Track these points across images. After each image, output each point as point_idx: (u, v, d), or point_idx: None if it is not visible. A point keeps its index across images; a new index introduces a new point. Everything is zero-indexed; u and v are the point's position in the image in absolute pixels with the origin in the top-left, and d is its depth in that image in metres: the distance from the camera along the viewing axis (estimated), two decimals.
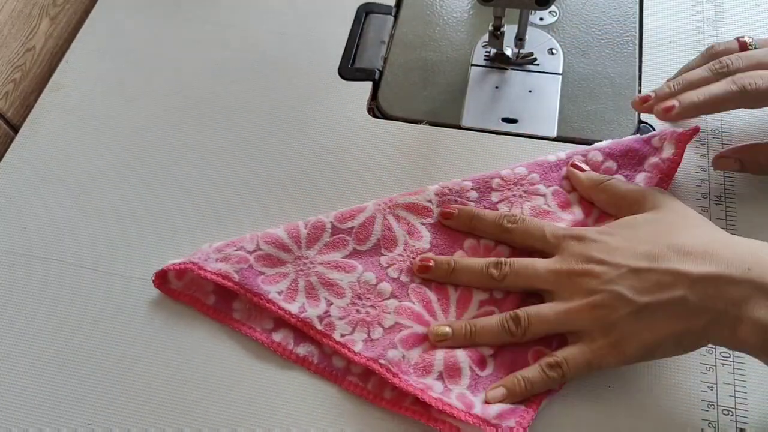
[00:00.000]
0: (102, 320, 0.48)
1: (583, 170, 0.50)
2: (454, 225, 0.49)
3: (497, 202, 0.50)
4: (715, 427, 0.42)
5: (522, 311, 0.44)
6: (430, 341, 0.45)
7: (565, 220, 0.49)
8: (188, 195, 0.53)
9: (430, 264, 0.47)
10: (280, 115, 0.57)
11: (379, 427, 0.43)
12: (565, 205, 0.50)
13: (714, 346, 0.44)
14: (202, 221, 0.52)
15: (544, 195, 0.50)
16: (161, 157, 0.55)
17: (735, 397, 0.43)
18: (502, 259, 0.46)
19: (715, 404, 0.43)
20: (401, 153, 0.54)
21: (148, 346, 0.47)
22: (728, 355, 0.44)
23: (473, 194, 0.50)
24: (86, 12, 0.66)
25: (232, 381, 0.45)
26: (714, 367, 0.44)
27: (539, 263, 0.45)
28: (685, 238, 0.41)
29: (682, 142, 0.49)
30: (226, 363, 0.46)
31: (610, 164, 0.51)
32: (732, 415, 0.42)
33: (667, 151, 0.49)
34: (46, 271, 0.50)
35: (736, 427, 0.42)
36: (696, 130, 0.50)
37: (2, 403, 0.45)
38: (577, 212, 0.49)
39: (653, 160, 0.50)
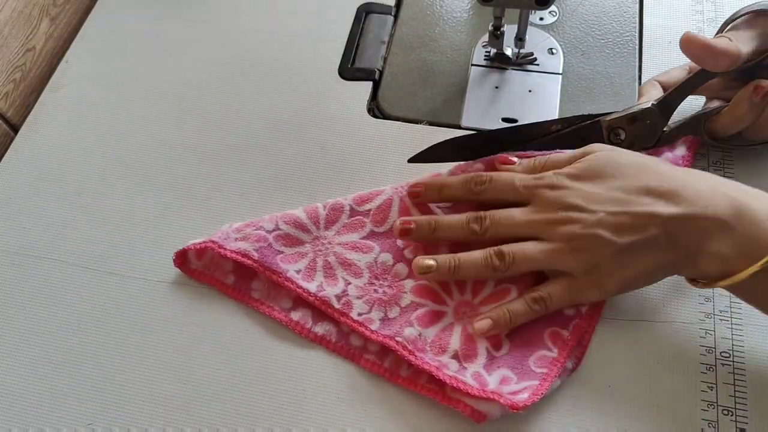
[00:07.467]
0: (102, 320, 0.48)
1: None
2: (424, 199, 0.49)
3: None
4: (715, 427, 0.42)
5: (507, 247, 0.44)
6: (415, 273, 0.46)
7: None
8: (187, 195, 0.53)
9: (411, 226, 0.47)
10: (280, 115, 0.57)
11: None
12: None
13: (714, 347, 0.44)
14: (202, 221, 0.52)
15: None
16: (161, 157, 0.55)
17: (735, 397, 0.43)
18: (482, 213, 0.46)
19: (715, 404, 0.43)
20: (401, 153, 0.54)
21: (149, 345, 0.47)
22: (728, 355, 0.44)
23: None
24: (86, 12, 0.66)
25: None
26: (714, 367, 0.44)
27: (518, 213, 0.45)
28: (651, 180, 0.43)
29: (692, 148, 0.50)
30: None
31: None
32: (732, 415, 0.42)
33: (681, 150, 0.50)
34: (46, 271, 0.50)
35: (736, 427, 0.42)
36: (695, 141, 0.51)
37: (2, 403, 0.45)
38: None
39: (668, 155, 0.51)
